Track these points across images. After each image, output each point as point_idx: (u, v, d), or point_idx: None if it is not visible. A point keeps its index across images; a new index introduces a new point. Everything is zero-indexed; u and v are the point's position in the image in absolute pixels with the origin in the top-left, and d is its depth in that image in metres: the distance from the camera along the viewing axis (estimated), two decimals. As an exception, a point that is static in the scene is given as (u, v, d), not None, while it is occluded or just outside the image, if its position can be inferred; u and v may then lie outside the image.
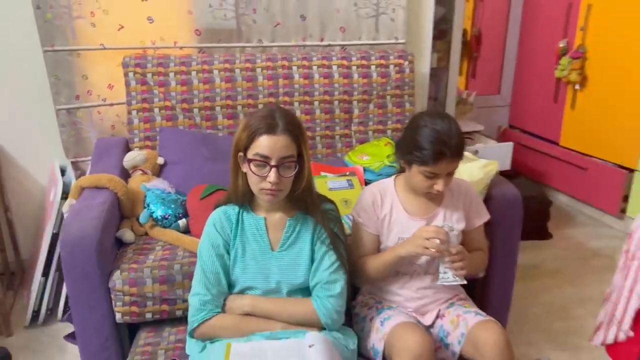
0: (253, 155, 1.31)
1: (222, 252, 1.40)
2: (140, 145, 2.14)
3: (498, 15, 3.67)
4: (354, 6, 2.45)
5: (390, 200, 1.54)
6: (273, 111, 1.34)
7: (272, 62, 2.26)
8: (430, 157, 1.37)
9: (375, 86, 2.36)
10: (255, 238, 1.42)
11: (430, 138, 1.37)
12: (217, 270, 1.39)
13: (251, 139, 1.32)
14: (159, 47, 2.26)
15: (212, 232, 1.42)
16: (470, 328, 1.43)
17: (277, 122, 1.31)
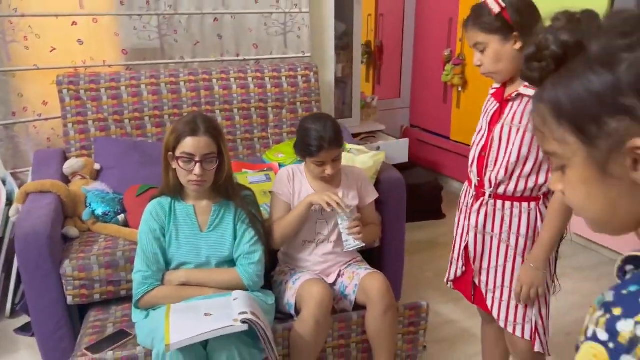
0: (180, 154, 1.64)
1: (158, 235, 1.71)
2: (77, 154, 2.38)
3: (395, 28, 4.17)
4: (264, 26, 2.82)
5: (300, 179, 1.91)
6: (195, 117, 1.68)
7: (194, 76, 2.58)
8: (314, 150, 1.77)
9: (287, 94, 2.74)
10: (186, 222, 1.74)
11: (311, 136, 1.77)
12: (155, 251, 1.70)
13: (178, 140, 1.64)
14: (89, 66, 2.51)
15: (149, 219, 1.72)
16: (361, 279, 1.84)
17: (199, 125, 1.64)
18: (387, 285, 1.80)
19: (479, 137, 1.53)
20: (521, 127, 1.40)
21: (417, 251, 2.98)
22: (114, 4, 2.51)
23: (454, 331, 2.32)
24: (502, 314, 1.50)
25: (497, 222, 1.49)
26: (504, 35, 1.37)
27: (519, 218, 1.46)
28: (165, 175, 1.74)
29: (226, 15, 2.73)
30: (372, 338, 1.81)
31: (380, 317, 1.78)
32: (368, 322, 1.81)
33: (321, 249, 1.92)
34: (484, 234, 1.52)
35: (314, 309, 1.69)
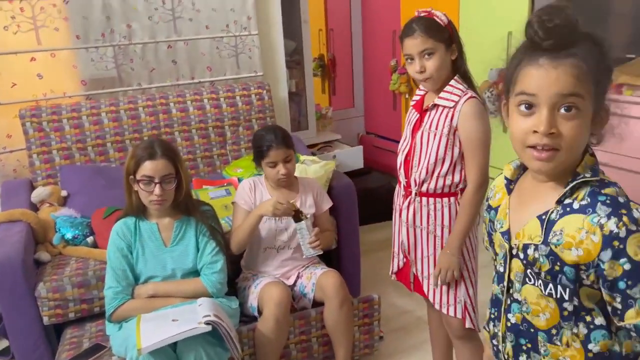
0: (140, 177, 1.79)
1: (125, 253, 1.86)
2: (44, 183, 2.50)
3: (345, 41, 4.40)
4: (216, 49, 2.99)
5: (260, 190, 2.09)
6: (152, 142, 1.84)
7: (152, 101, 2.73)
8: (265, 150, 1.99)
9: (242, 112, 2.91)
10: (151, 239, 1.88)
11: (261, 139, 2.01)
12: (124, 267, 1.84)
13: (137, 164, 1.79)
14: (50, 98, 2.64)
15: (116, 239, 1.87)
16: (317, 278, 2.02)
17: (155, 150, 1.80)
18: (341, 281, 1.98)
19: (404, 145, 1.73)
20: (437, 132, 1.60)
21: (375, 250, 3.18)
22: (70, 38, 2.64)
23: (409, 320, 2.52)
24: (437, 297, 1.70)
25: (424, 217, 1.68)
26: (447, 45, 1.58)
27: (442, 212, 1.66)
28: (128, 197, 1.89)
29: (179, 42, 2.89)
30: (331, 331, 1.99)
31: (336, 311, 1.96)
32: (326, 316, 1.99)
33: (281, 254, 2.08)
34: (414, 227, 1.71)
35: (273, 308, 1.86)
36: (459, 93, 1.58)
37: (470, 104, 1.56)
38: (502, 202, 1.06)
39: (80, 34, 2.66)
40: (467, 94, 1.58)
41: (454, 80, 1.60)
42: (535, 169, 0.92)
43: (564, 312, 0.94)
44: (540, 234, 0.93)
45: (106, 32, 2.71)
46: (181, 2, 2.85)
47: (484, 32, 3.12)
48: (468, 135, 1.57)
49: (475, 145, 1.57)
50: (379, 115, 4.29)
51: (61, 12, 2.60)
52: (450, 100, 1.58)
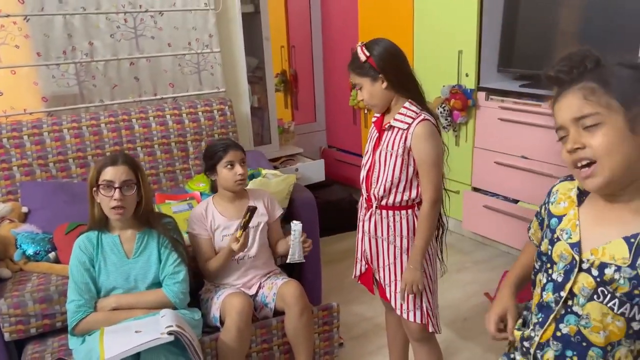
0: (101, 182, 1.84)
1: (88, 266, 1.89)
2: (4, 199, 2.49)
3: (306, 57, 4.52)
4: (178, 66, 3.05)
5: (211, 212, 2.15)
6: (115, 153, 1.92)
7: (114, 117, 2.76)
8: (222, 152, 2.08)
9: (204, 127, 2.97)
10: (113, 251, 1.93)
11: (215, 144, 2.13)
12: (86, 280, 1.88)
13: (99, 172, 1.86)
14: (10, 115, 2.64)
15: (78, 253, 1.90)
16: (278, 287, 2.09)
17: (117, 157, 1.90)
18: (300, 290, 2.06)
19: (366, 159, 1.84)
20: (394, 152, 1.70)
21: (338, 260, 3.28)
22: (31, 55, 2.66)
23: (368, 327, 2.62)
24: (399, 303, 1.81)
25: (384, 228, 1.80)
26: (372, 77, 1.70)
27: (400, 223, 1.78)
28: (91, 210, 1.93)
29: (141, 59, 2.94)
30: (291, 339, 2.07)
31: (296, 319, 2.03)
32: (286, 324, 2.06)
33: (241, 264, 2.15)
34: (376, 238, 1.82)
35: (235, 318, 1.92)
36: (412, 115, 1.69)
37: (422, 126, 1.67)
38: (569, 212, 1.07)
39: (42, 51, 2.68)
40: (420, 115, 1.68)
41: (408, 102, 1.72)
42: (590, 188, 1.00)
43: (630, 330, 0.97)
44: (629, 257, 0.95)
45: (67, 49, 2.74)
46: (143, 20, 2.91)
47: (436, 50, 3.30)
48: (420, 156, 1.68)
49: (427, 165, 1.68)
50: (339, 130, 4.41)
51: (22, 29, 2.61)
52: (404, 122, 1.69)
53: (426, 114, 1.70)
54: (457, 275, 3.02)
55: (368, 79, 1.69)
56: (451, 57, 3.20)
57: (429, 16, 3.32)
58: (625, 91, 0.94)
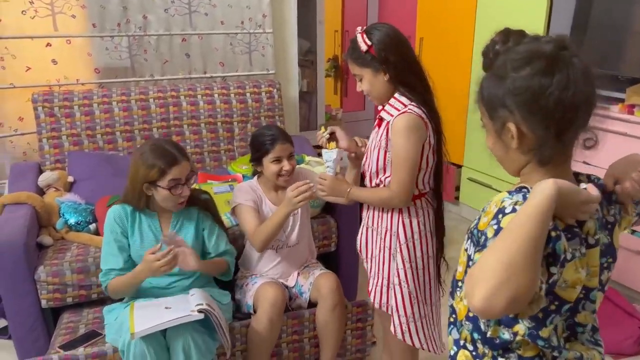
0: (169, 183, 1.76)
1: (120, 237, 1.84)
2: (52, 167, 2.53)
3: (360, 44, 4.40)
4: (230, 45, 3.01)
5: (259, 194, 2.07)
6: (162, 147, 1.79)
7: (163, 93, 2.75)
8: (269, 145, 1.97)
9: (251, 109, 2.92)
10: (150, 228, 1.88)
11: (264, 135, 2.00)
12: (115, 252, 1.82)
13: (162, 172, 1.75)
14: (63, 84, 2.67)
15: (112, 224, 1.84)
16: (315, 278, 2.03)
17: (173, 153, 1.78)
18: (337, 283, 1.99)
19: (368, 146, 1.72)
20: (378, 144, 1.61)
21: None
22: (86, 26, 2.67)
23: (403, 328, 2.52)
24: (377, 299, 1.73)
25: (374, 218, 1.71)
26: (374, 68, 1.57)
27: (390, 216, 1.66)
28: (132, 194, 1.83)
29: (193, 35, 2.92)
30: (320, 331, 2.00)
31: (328, 312, 1.97)
32: (317, 317, 2.00)
33: (280, 253, 2.09)
34: (367, 227, 1.76)
35: (267, 309, 1.88)
36: (399, 107, 1.57)
37: (402, 119, 1.53)
38: None
39: (97, 22, 2.69)
40: (406, 107, 1.56)
41: (398, 93, 1.59)
42: None
43: None
44: None
45: (122, 21, 2.74)
46: (198, -4, 2.88)
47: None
48: (393, 150, 1.57)
49: (398, 159, 1.56)
50: (389, 120, 4.28)
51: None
52: (389, 114, 1.59)
53: (414, 107, 1.56)
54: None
55: (369, 69, 1.58)
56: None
57: (494, 8, 3.14)
58: (487, 100, 0.94)
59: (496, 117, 0.91)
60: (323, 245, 2.44)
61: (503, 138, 0.92)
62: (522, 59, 0.87)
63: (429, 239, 1.68)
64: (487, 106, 0.93)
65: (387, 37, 1.57)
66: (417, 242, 1.66)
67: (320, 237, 2.42)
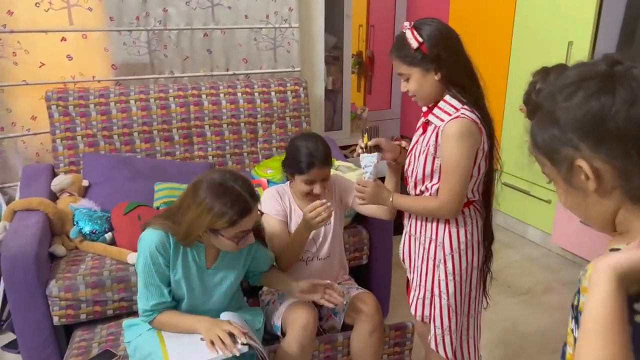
0: (235, 234, 1.49)
1: (163, 269, 1.55)
2: (66, 170, 2.38)
3: (386, 38, 4.20)
4: (253, 41, 2.84)
5: (287, 199, 1.89)
6: (233, 190, 1.46)
7: (184, 91, 2.59)
8: (304, 168, 1.76)
9: (276, 109, 2.75)
10: (194, 260, 1.60)
11: (302, 153, 1.76)
12: (158, 284, 1.56)
13: (232, 224, 1.46)
14: (78, 81, 2.52)
15: (153, 254, 1.52)
16: (351, 298, 1.85)
17: (246, 200, 1.47)
18: (377, 305, 1.82)
19: (408, 151, 1.64)
20: (425, 149, 1.50)
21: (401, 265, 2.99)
22: (103, 19, 2.52)
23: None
24: (419, 311, 1.67)
25: (418, 227, 1.62)
26: (424, 67, 1.45)
27: (435, 225, 1.57)
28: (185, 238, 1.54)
29: (216, 30, 2.75)
30: (355, 357, 1.83)
31: (366, 336, 1.79)
32: (353, 340, 1.82)
33: (310, 267, 1.92)
34: (409, 235, 1.68)
35: (298, 332, 1.70)
36: (450, 111, 1.46)
37: (455, 125, 1.43)
38: None
39: (114, 15, 2.53)
40: (458, 112, 1.44)
41: (449, 96, 1.47)
42: None
43: None
44: None
45: (141, 15, 2.58)
46: (221, -12, 2.70)
47: (540, 39, 2.91)
48: (443, 158, 1.47)
49: (448, 168, 1.46)
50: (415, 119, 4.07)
51: (96, -9, 2.47)
52: (439, 118, 1.47)
53: (467, 111, 1.44)
54: (542, 297, 2.68)
55: (418, 69, 1.45)
56: (558, 48, 2.80)
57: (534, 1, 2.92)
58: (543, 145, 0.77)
59: (559, 160, 0.74)
60: (354, 257, 2.27)
61: (575, 184, 0.74)
62: (571, 84, 0.72)
63: (475, 250, 1.58)
64: (545, 152, 0.76)
65: (439, 33, 1.43)
66: (464, 253, 1.57)
67: (351, 249, 2.25)
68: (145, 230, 1.58)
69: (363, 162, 1.61)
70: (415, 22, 1.47)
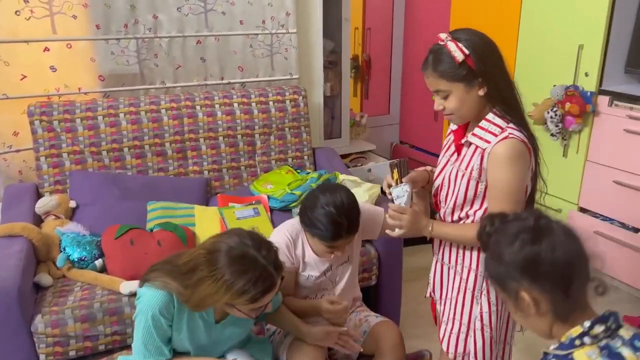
0: (255, 310, 1.35)
1: (165, 331, 1.39)
2: (51, 189, 2.22)
3: (384, 42, 4.07)
4: (249, 47, 2.69)
5: (301, 243, 1.68)
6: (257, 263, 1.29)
7: (176, 103, 2.44)
8: (329, 238, 1.55)
9: (274, 120, 2.61)
10: (202, 316, 1.44)
11: (328, 220, 1.53)
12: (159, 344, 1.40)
13: (254, 301, 1.31)
14: (63, 94, 2.35)
15: (156, 316, 1.36)
16: (371, 327, 1.71)
17: (272, 274, 1.31)
18: (400, 337, 1.69)
19: (437, 173, 1.50)
20: (467, 173, 1.38)
21: (412, 279, 2.86)
22: (89, 28, 2.35)
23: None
24: (451, 347, 1.50)
25: (452, 254, 1.49)
26: (468, 82, 1.30)
27: (470, 252, 1.45)
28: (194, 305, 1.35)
29: (209, 37, 2.60)
30: (373, 391, 1.69)
31: (386, 370, 1.65)
32: (371, 374, 1.69)
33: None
34: (442, 263, 1.54)
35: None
36: (495, 131, 1.33)
37: (505, 147, 1.30)
38: None
39: (101, 23, 2.37)
40: (504, 131, 1.31)
41: (492, 114, 1.34)
42: None
43: None
44: None
45: (129, 22, 2.42)
46: (214, -8, 2.55)
47: (549, 42, 2.79)
48: (493, 182, 1.34)
49: (499, 195, 1.33)
50: (416, 125, 3.96)
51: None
52: (483, 139, 1.34)
53: (514, 130, 1.32)
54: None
55: (462, 84, 1.31)
56: (569, 51, 2.68)
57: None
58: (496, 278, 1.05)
59: (508, 289, 1.00)
60: (362, 278, 2.14)
61: (520, 307, 0.99)
62: (511, 235, 0.99)
63: None
64: (497, 282, 1.04)
65: (484, 44, 1.30)
66: None
67: (359, 270, 2.10)
68: (144, 286, 1.39)
69: (395, 194, 1.44)
70: (455, 34, 1.31)
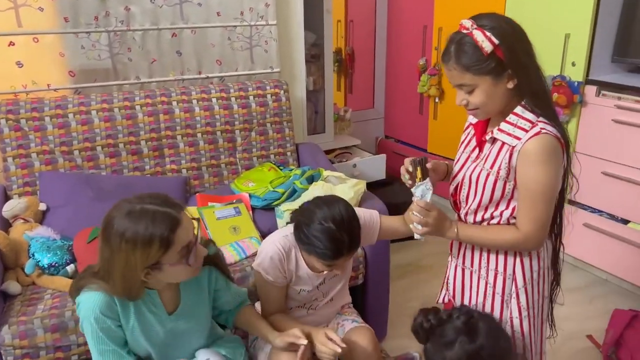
0: (179, 253, 1.26)
1: (114, 332, 1.33)
2: (20, 192, 2.11)
3: (367, 35, 3.99)
4: (228, 40, 2.59)
5: (294, 257, 1.56)
6: (152, 210, 1.24)
7: (151, 99, 2.33)
8: (329, 257, 1.44)
9: (255, 115, 2.52)
10: (150, 310, 1.38)
11: (328, 238, 1.41)
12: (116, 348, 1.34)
13: (166, 244, 1.23)
14: (31, 91, 2.23)
15: (98, 319, 1.30)
16: (345, 332, 1.64)
17: (168, 211, 1.25)
18: (375, 343, 1.61)
19: (456, 171, 1.41)
20: (492, 172, 1.29)
21: (399, 276, 2.81)
22: (57, 20, 2.23)
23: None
24: None
25: (475, 258, 1.42)
26: (496, 75, 1.20)
27: (496, 254, 1.37)
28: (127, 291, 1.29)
29: (185, 29, 2.49)
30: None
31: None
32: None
33: (311, 315, 1.68)
34: (464, 268, 1.46)
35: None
36: (525, 126, 1.23)
37: (536, 142, 1.20)
38: None
39: (69, 15, 2.25)
40: (535, 126, 1.22)
41: (520, 107, 1.24)
42: None
43: None
44: None
45: (100, 14, 2.30)
46: (190, -17, 2.45)
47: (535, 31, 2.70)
48: (525, 182, 1.24)
49: (533, 195, 1.24)
50: (401, 119, 3.89)
51: (47, -11, 2.19)
52: (512, 136, 1.24)
53: (546, 124, 1.22)
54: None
55: (489, 77, 1.20)
56: (555, 41, 2.64)
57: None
58: None
59: None
60: (349, 278, 2.05)
61: None
62: (449, 341, 1.27)
63: (546, 277, 1.40)
64: None
65: (513, 31, 1.20)
66: (536, 282, 1.37)
67: (345, 269, 2.03)
68: (80, 294, 1.31)
69: (417, 192, 1.36)
70: (479, 21, 1.18)
